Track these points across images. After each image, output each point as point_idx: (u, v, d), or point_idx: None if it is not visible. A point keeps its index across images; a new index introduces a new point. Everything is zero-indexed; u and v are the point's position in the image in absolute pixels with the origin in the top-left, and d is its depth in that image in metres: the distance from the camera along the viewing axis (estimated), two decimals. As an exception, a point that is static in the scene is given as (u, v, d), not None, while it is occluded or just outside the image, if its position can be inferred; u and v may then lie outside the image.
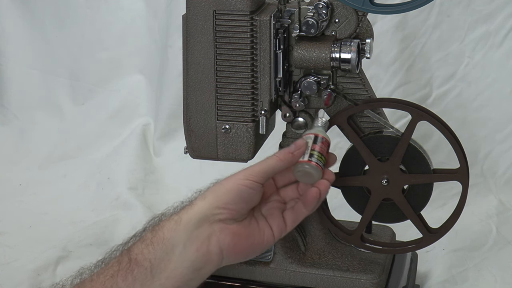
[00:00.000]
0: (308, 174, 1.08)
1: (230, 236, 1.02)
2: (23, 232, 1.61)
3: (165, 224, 1.03)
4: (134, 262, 1.00)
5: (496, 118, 1.74)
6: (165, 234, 1.01)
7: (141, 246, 1.01)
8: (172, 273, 1.00)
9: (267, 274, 1.25)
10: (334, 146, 1.66)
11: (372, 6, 1.15)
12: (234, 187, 1.03)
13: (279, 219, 1.08)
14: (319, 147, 1.10)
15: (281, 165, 1.07)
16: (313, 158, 1.08)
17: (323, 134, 1.12)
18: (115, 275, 0.99)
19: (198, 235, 1.01)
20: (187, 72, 1.19)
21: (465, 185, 1.19)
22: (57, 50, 2.01)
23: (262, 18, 1.15)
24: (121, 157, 1.86)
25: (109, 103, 1.99)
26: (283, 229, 1.09)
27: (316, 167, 1.08)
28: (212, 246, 1.01)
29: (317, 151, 1.09)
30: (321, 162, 1.09)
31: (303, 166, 1.08)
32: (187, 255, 1.00)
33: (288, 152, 1.08)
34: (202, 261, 1.01)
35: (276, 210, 1.09)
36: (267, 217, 1.08)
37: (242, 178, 1.04)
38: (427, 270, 1.45)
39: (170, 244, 1.01)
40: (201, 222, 1.02)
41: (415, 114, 1.17)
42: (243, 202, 1.04)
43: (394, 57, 1.77)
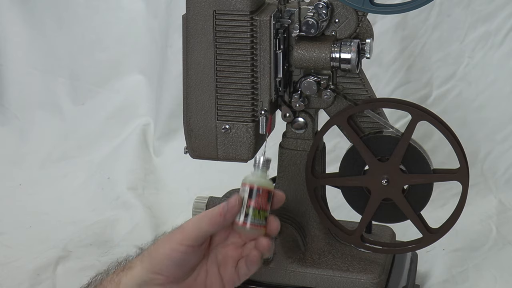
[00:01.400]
0: (248, 234, 1.03)
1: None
2: (23, 232, 1.61)
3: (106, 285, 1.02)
4: None
5: (496, 118, 1.74)
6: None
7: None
8: None
9: (267, 274, 1.25)
10: (334, 146, 1.69)
11: (372, 6, 1.15)
12: (167, 253, 1.00)
13: (232, 270, 1.03)
14: (255, 202, 1.02)
15: (213, 229, 1.01)
16: (248, 218, 1.02)
17: (261, 184, 1.02)
18: None
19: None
20: (187, 72, 1.19)
21: (465, 185, 1.19)
22: (57, 50, 2.01)
23: (262, 18, 1.15)
24: (121, 157, 1.86)
25: (109, 103, 1.99)
26: (236, 281, 1.04)
27: (252, 229, 1.02)
28: None
29: (253, 207, 1.02)
30: (259, 218, 1.02)
31: (239, 228, 1.02)
32: None
33: (219, 214, 1.00)
34: None
35: (230, 259, 1.04)
36: (220, 266, 1.04)
37: (176, 243, 1.00)
38: (427, 270, 1.45)
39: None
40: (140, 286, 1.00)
41: (415, 114, 1.17)
42: (178, 267, 1.00)
43: (394, 57, 1.77)
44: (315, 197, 1.24)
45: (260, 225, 1.02)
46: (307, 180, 1.23)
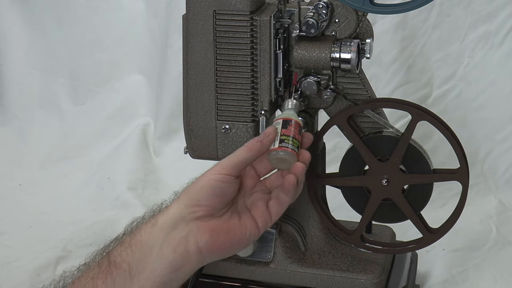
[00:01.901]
0: (281, 161, 1.05)
1: (208, 233, 1.01)
2: (23, 232, 1.61)
3: (142, 227, 1.03)
4: (113, 264, 1.00)
5: (496, 118, 1.74)
6: (143, 237, 1.02)
7: (120, 249, 1.02)
8: (151, 274, 1.00)
9: (267, 274, 1.25)
10: (334, 146, 1.69)
11: (372, 6, 1.15)
12: (206, 183, 1.02)
13: (263, 210, 1.05)
14: (288, 130, 1.07)
15: (251, 156, 1.05)
16: (283, 143, 1.05)
17: (292, 117, 1.09)
18: (95, 278, 1.00)
19: (175, 236, 1.01)
20: (187, 72, 1.19)
21: (465, 185, 1.19)
22: (57, 50, 2.01)
23: (262, 18, 1.15)
24: (121, 157, 1.86)
25: (109, 103, 1.99)
26: (268, 220, 1.06)
27: (287, 152, 1.05)
28: (190, 245, 1.01)
29: (287, 135, 1.06)
30: (293, 145, 1.06)
31: (273, 154, 1.05)
32: (164, 256, 1.00)
33: (257, 141, 1.05)
34: (180, 261, 1.01)
35: (260, 202, 1.06)
36: (251, 209, 1.06)
37: (213, 173, 1.03)
38: (427, 270, 1.45)
39: (147, 246, 1.01)
40: (177, 222, 1.01)
41: (415, 114, 1.17)
42: (217, 197, 1.02)
43: (394, 57, 1.77)
44: (315, 197, 1.24)
45: (293, 150, 1.05)
46: (307, 180, 1.23)
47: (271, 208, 1.06)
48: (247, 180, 1.08)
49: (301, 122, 1.09)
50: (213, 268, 1.26)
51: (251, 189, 1.08)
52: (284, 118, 1.08)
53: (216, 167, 1.04)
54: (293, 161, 1.05)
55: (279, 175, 1.09)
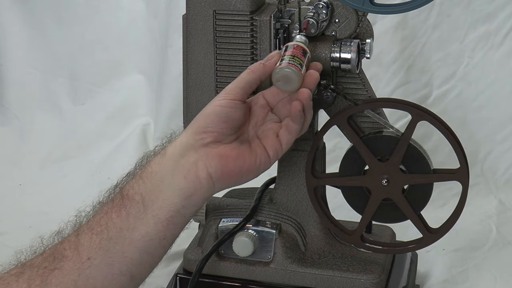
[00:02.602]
0: (284, 78, 1.03)
1: (217, 158, 1.02)
2: (23, 232, 1.61)
3: (152, 159, 1.04)
4: (126, 197, 1.01)
5: (496, 118, 1.74)
6: (153, 168, 1.02)
7: (132, 182, 1.03)
8: (164, 203, 1.01)
9: (267, 274, 1.25)
10: (334, 146, 1.69)
11: (372, 6, 1.14)
12: (211, 110, 1.03)
13: (273, 139, 1.05)
14: (289, 51, 1.06)
15: (254, 77, 1.05)
16: (284, 61, 1.04)
17: (296, 42, 1.08)
18: (109, 212, 1.01)
19: (184, 163, 1.01)
20: (187, 72, 1.19)
21: (465, 185, 1.19)
22: (57, 50, 2.01)
23: (262, 18, 1.15)
24: (121, 157, 1.85)
25: (109, 103, 1.99)
26: (279, 148, 1.06)
27: (288, 66, 1.03)
28: (200, 171, 1.01)
29: (288, 55, 1.05)
30: (294, 61, 1.04)
31: (275, 71, 1.03)
32: (175, 184, 1.01)
33: (260, 63, 1.06)
34: (191, 188, 1.01)
35: (270, 131, 1.06)
36: (261, 138, 1.06)
37: (219, 99, 1.04)
38: (427, 270, 1.45)
39: (158, 176, 1.02)
40: (185, 150, 1.02)
41: (415, 114, 1.17)
42: (223, 122, 1.02)
43: (394, 57, 1.77)
44: (315, 197, 1.24)
45: (295, 65, 1.03)
46: (307, 180, 1.23)
47: (281, 137, 1.05)
48: (258, 110, 1.07)
49: (307, 49, 1.08)
50: (213, 268, 1.26)
51: (262, 119, 1.08)
52: (287, 44, 1.08)
53: (221, 93, 1.04)
54: (296, 78, 1.03)
55: (286, 104, 1.08)
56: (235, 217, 1.25)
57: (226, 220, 1.26)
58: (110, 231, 1.00)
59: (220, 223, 1.25)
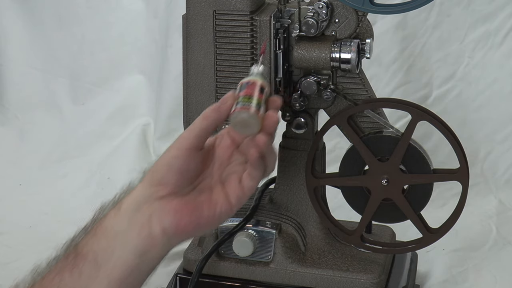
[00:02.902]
0: (241, 123, 0.95)
1: (172, 214, 0.95)
2: (23, 232, 1.61)
3: (107, 213, 0.99)
4: (80, 255, 0.97)
5: (496, 118, 1.74)
6: (107, 223, 0.98)
7: (86, 238, 0.98)
8: (118, 261, 0.95)
9: (267, 274, 1.25)
10: (334, 146, 1.69)
11: (372, 6, 1.15)
12: (165, 161, 0.97)
13: (236, 185, 0.97)
14: (245, 91, 0.96)
15: (208, 125, 0.96)
16: (239, 104, 0.95)
17: (250, 78, 0.98)
18: (62, 270, 0.97)
19: (139, 219, 0.96)
20: (187, 72, 1.19)
21: (465, 185, 1.19)
22: (57, 50, 2.01)
23: (262, 18, 1.15)
24: (121, 157, 1.86)
25: (109, 103, 1.99)
26: (241, 195, 0.98)
27: (243, 111, 0.94)
28: (154, 227, 0.95)
29: (243, 96, 0.96)
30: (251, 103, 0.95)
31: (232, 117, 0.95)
32: (129, 241, 0.96)
33: (213, 108, 0.97)
34: (146, 245, 0.96)
35: (234, 175, 0.98)
36: (224, 183, 0.98)
37: (174, 150, 0.97)
38: (427, 270, 1.45)
39: (112, 233, 0.96)
40: (140, 204, 0.97)
41: (415, 114, 1.17)
42: (178, 174, 0.96)
43: (394, 57, 1.77)
44: (315, 197, 1.24)
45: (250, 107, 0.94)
46: (307, 180, 1.23)
47: (244, 183, 0.98)
48: (222, 151, 0.99)
49: (265, 84, 0.97)
50: (213, 268, 1.26)
51: (227, 160, 1.00)
52: (241, 82, 0.98)
53: (175, 143, 0.98)
54: (254, 122, 0.94)
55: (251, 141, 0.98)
56: (235, 217, 1.25)
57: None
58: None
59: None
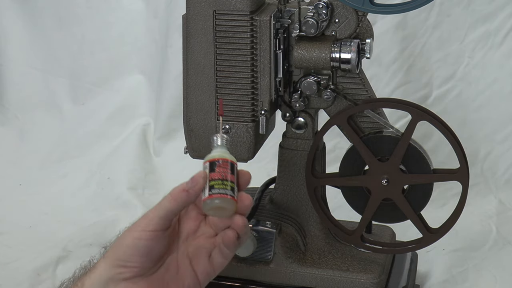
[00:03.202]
0: (218, 209, 0.92)
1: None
2: (23, 232, 1.61)
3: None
4: None
5: (496, 118, 1.74)
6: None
7: None
8: None
9: (267, 274, 1.25)
10: (334, 146, 1.69)
11: (372, 6, 1.15)
12: (130, 242, 0.93)
13: (205, 261, 0.95)
14: (217, 173, 0.92)
15: (176, 206, 0.93)
16: (213, 190, 0.91)
17: (221, 156, 0.94)
18: None
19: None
20: (187, 72, 1.19)
21: (465, 185, 1.19)
22: (57, 50, 2.01)
23: (262, 18, 1.15)
24: (121, 157, 1.86)
25: (109, 103, 1.99)
26: (211, 273, 0.96)
27: (221, 198, 0.91)
28: None
29: (217, 179, 0.92)
30: (225, 188, 0.92)
31: (206, 203, 0.92)
32: None
33: (182, 190, 0.93)
34: None
35: (202, 250, 0.95)
36: (192, 259, 0.95)
37: (138, 230, 0.93)
38: (427, 270, 1.45)
39: None
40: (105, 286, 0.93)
41: (415, 114, 1.17)
42: (143, 256, 0.93)
43: (394, 57, 1.77)
44: (315, 197, 1.24)
45: (226, 194, 0.92)
46: (307, 180, 1.23)
47: (214, 259, 0.95)
48: (189, 223, 0.96)
49: (234, 159, 0.94)
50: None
51: (193, 233, 0.97)
52: (210, 160, 0.94)
53: (141, 223, 0.94)
54: (231, 207, 0.92)
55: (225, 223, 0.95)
56: (235, 217, 1.25)
57: (226, 220, 1.26)
58: None
59: (220, 223, 1.25)
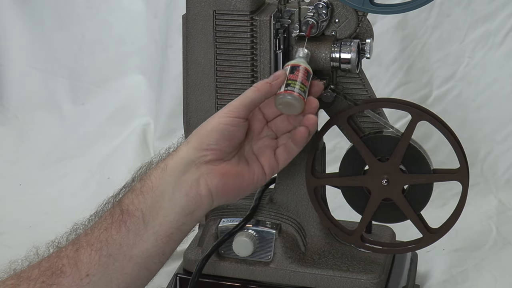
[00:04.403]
0: (288, 104, 1.04)
1: (218, 177, 1.01)
2: (23, 232, 1.61)
3: (152, 172, 1.03)
4: (126, 213, 1.00)
5: (496, 118, 1.74)
6: (153, 183, 1.01)
7: (132, 197, 1.02)
8: (164, 220, 1.00)
9: (267, 274, 1.25)
10: (334, 146, 1.69)
11: (372, 6, 1.15)
12: (215, 126, 1.02)
13: (271, 157, 1.06)
14: (295, 75, 1.05)
15: (259, 96, 1.04)
16: (289, 87, 1.04)
17: (301, 63, 1.08)
18: (109, 228, 1.00)
19: (186, 180, 1.01)
20: (187, 72, 1.19)
21: (465, 185, 1.19)
22: (57, 50, 2.01)
23: (262, 18, 1.15)
24: (121, 157, 1.86)
25: (109, 103, 1.99)
26: (275, 167, 1.06)
27: (293, 95, 1.03)
28: (201, 189, 1.01)
29: (293, 80, 1.05)
30: (300, 89, 1.04)
31: (280, 97, 1.04)
32: (177, 201, 1.00)
33: (266, 82, 1.04)
34: (193, 205, 1.01)
35: (267, 148, 1.06)
36: (258, 155, 1.06)
37: (222, 116, 1.02)
38: (427, 270, 1.45)
39: (159, 192, 1.00)
40: (187, 166, 1.01)
41: (415, 114, 1.17)
42: (226, 140, 1.02)
43: (394, 57, 1.77)
44: (315, 197, 1.24)
45: (299, 94, 1.04)
46: (307, 180, 1.23)
47: (279, 155, 1.06)
48: (255, 123, 1.06)
49: (310, 69, 1.08)
50: (213, 268, 1.26)
51: (258, 134, 1.07)
52: (292, 64, 1.07)
53: (225, 109, 1.03)
54: (299, 106, 1.04)
55: (285, 119, 1.07)
56: (235, 217, 1.25)
57: (226, 220, 1.26)
58: (110, 247, 0.99)
59: (220, 223, 1.25)
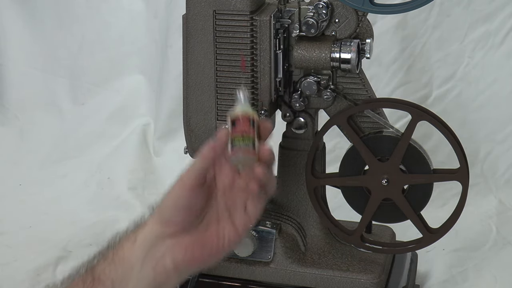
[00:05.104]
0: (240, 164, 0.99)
1: (183, 250, 1.00)
2: (23, 232, 1.61)
3: (124, 243, 1.03)
4: (97, 281, 1.01)
5: (496, 118, 1.74)
6: (125, 254, 1.02)
7: (104, 265, 1.02)
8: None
9: (267, 274, 1.25)
10: (334, 146, 1.69)
11: (372, 6, 1.15)
12: (170, 201, 1.01)
13: (241, 212, 1.02)
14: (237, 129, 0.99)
15: (207, 163, 1.01)
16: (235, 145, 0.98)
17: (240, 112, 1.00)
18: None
19: (153, 255, 1.01)
20: (187, 72, 1.19)
21: (465, 185, 1.19)
22: (57, 50, 2.01)
23: (262, 18, 1.15)
24: (121, 157, 1.86)
25: (109, 103, 1.99)
26: (248, 222, 1.02)
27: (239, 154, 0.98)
28: (168, 263, 1.00)
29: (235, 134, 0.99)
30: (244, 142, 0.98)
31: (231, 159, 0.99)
32: (145, 275, 1.00)
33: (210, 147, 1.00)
34: (160, 279, 1.01)
35: (238, 202, 1.02)
36: (230, 211, 1.02)
37: (177, 189, 1.01)
38: (427, 270, 1.45)
39: (129, 264, 1.01)
40: (154, 240, 1.01)
41: (415, 114, 1.17)
42: (183, 211, 1.00)
43: (394, 57, 1.77)
44: (315, 197, 1.24)
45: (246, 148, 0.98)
46: (307, 180, 1.23)
47: (249, 210, 1.01)
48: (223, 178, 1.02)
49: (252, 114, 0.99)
50: (213, 268, 1.26)
51: (231, 186, 1.03)
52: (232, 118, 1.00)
53: (178, 182, 1.01)
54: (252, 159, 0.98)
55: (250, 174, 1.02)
56: (235, 217, 1.25)
57: (226, 220, 1.26)
58: None
59: (220, 223, 1.25)
